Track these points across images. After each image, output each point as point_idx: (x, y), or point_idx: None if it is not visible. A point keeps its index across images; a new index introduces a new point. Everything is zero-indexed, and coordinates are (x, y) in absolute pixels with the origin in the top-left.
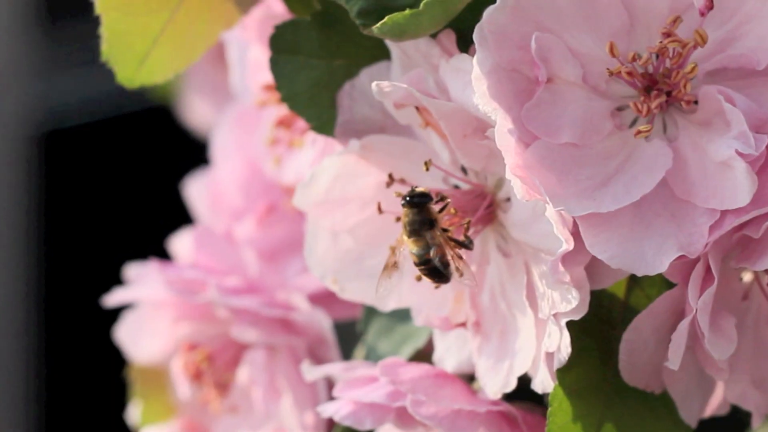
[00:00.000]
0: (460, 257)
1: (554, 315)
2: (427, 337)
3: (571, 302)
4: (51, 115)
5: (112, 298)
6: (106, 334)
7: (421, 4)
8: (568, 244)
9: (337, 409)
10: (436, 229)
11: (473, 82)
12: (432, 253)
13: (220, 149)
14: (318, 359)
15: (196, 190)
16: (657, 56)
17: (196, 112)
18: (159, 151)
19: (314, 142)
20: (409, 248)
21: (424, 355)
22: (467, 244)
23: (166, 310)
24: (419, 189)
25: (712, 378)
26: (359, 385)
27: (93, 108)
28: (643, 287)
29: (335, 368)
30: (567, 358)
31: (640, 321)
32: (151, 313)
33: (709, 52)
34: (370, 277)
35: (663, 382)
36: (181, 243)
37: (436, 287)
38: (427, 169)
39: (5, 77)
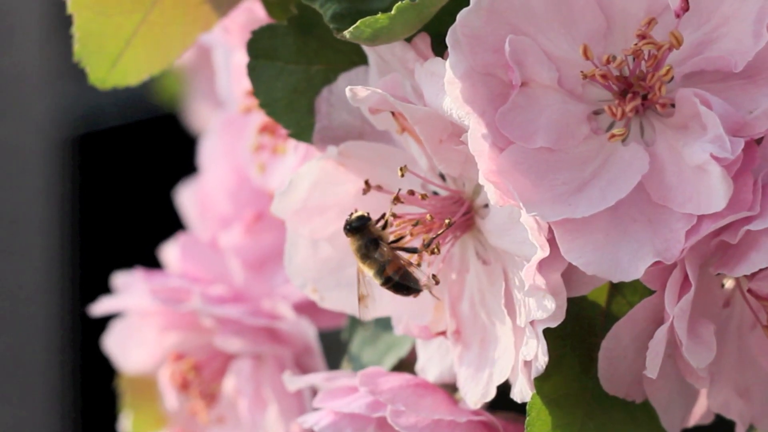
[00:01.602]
0: (410, 264)
1: (531, 323)
2: (411, 346)
3: (547, 309)
4: (85, 117)
5: (98, 307)
6: None
7: (394, 8)
8: (543, 251)
9: (317, 420)
10: (383, 246)
11: (446, 86)
12: (388, 270)
13: (207, 156)
14: (304, 369)
15: (186, 197)
16: (633, 59)
17: (202, 118)
18: (195, 154)
19: (296, 148)
20: (368, 273)
21: (408, 364)
22: (414, 250)
23: (153, 319)
24: (356, 214)
25: (695, 386)
26: (340, 395)
27: (127, 110)
28: (624, 294)
29: (317, 378)
30: (544, 367)
31: (619, 329)
32: (138, 322)
33: (686, 54)
34: (350, 285)
35: (644, 391)
36: (171, 251)
37: (414, 296)
38: (402, 175)
39: (39, 80)
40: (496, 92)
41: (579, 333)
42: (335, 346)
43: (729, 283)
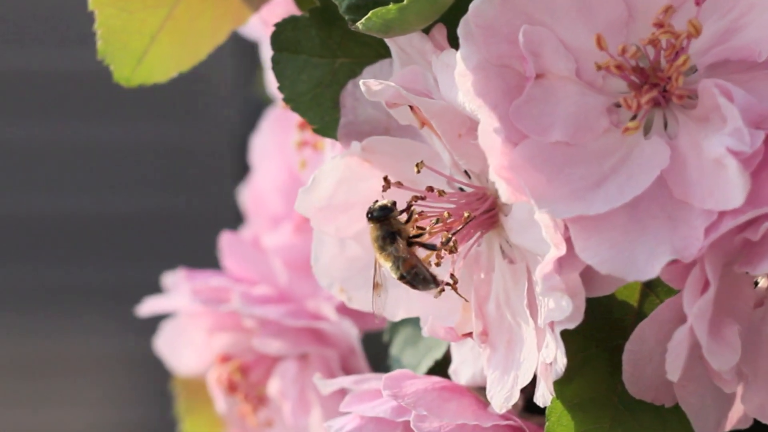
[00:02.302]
0: (429, 262)
1: (549, 324)
2: (448, 348)
3: (564, 310)
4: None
5: (145, 308)
6: None
7: None
8: (558, 249)
9: (342, 425)
10: (399, 242)
11: (456, 78)
12: (402, 266)
13: (258, 153)
14: (350, 371)
15: (244, 195)
16: (652, 49)
17: None
18: None
19: (334, 144)
20: (383, 264)
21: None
22: (432, 246)
23: (200, 320)
24: (381, 202)
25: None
26: (367, 398)
27: None
28: (658, 294)
29: (347, 381)
30: (564, 370)
31: (643, 330)
32: (187, 323)
33: (710, 43)
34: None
35: (674, 395)
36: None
37: (436, 296)
38: (418, 172)
39: (226, 84)
40: (512, 84)
41: (606, 334)
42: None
43: (764, 282)
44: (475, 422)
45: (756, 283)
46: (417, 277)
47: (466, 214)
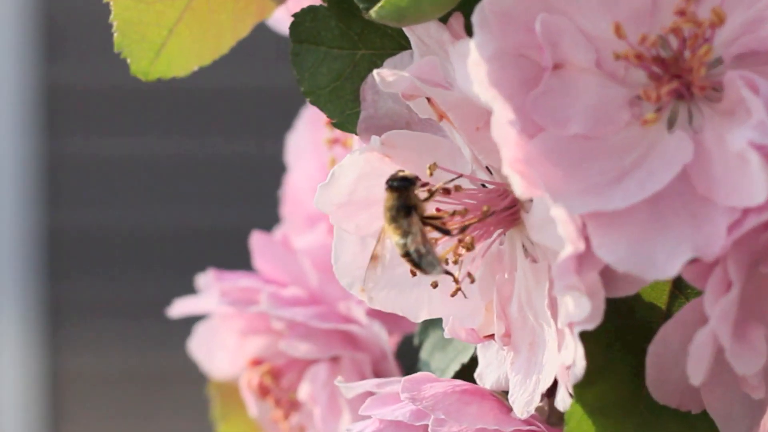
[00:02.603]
0: (448, 261)
1: (568, 325)
2: (475, 351)
3: (582, 311)
4: None
5: (176, 309)
6: None
7: None
8: (574, 246)
9: (362, 429)
10: (414, 216)
11: (470, 68)
12: (410, 243)
13: (294, 151)
14: (382, 375)
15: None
16: (675, 38)
17: None
18: None
19: (360, 140)
20: (390, 237)
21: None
22: (447, 231)
23: (233, 322)
24: (403, 173)
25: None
26: (388, 402)
27: None
28: (687, 296)
29: (370, 384)
30: (583, 373)
31: (667, 332)
32: (219, 325)
33: (737, 34)
34: (400, 285)
35: (701, 401)
36: None
37: (433, 285)
38: (431, 174)
39: None
40: (528, 75)
41: (631, 337)
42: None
43: None
44: (495, 427)
45: None
46: (423, 258)
47: (485, 209)
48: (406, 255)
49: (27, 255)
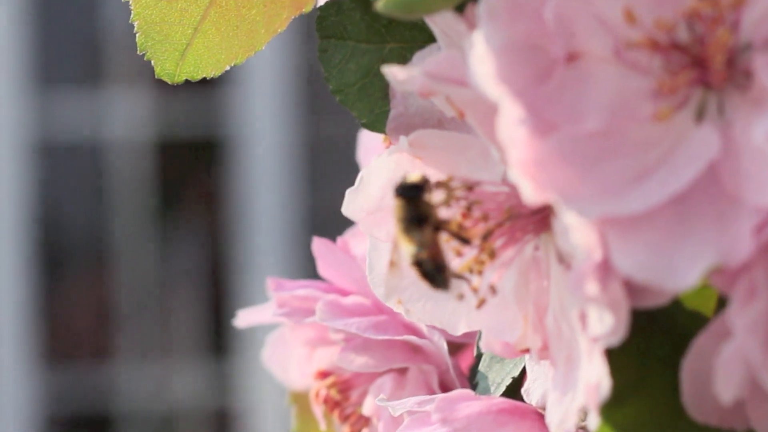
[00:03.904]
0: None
1: (592, 339)
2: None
3: (604, 325)
4: None
5: (241, 320)
6: None
7: None
8: (591, 255)
9: None
10: (427, 227)
11: (475, 62)
12: (422, 254)
13: (365, 149)
14: (448, 387)
15: None
16: (697, 22)
17: None
18: None
19: None
20: (402, 246)
21: None
22: (466, 240)
23: (301, 332)
24: (411, 178)
25: None
26: (426, 422)
27: None
28: None
29: (411, 402)
30: (608, 392)
31: (701, 345)
32: (289, 335)
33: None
34: (437, 297)
35: (746, 417)
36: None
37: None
38: (447, 186)
39: None
40: (542, 68)
41: (670, 350)
42: None
43: None
44: None
45: None
46: (435, 274)
47: (506, 213)
48: (417, 265)
49: None
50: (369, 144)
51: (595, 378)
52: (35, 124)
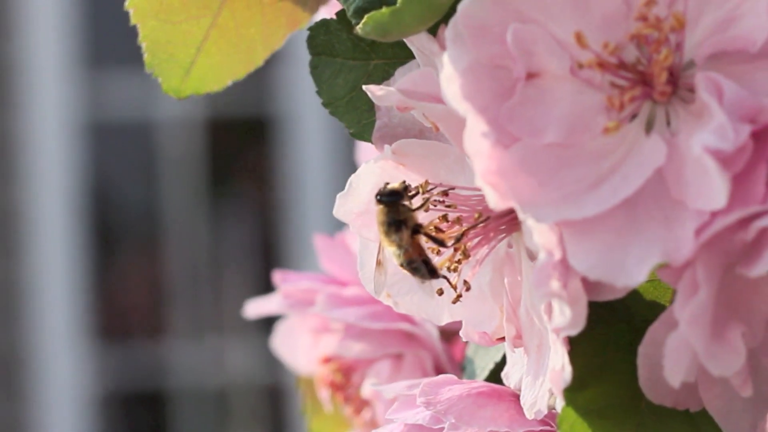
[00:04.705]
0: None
1: (554, 330)
2: None
3: (564, 317)
4: None
5: (250, 310)
6: None
7: (399, 1)
8: (549, 255)
9: (389, 431)
10: (404, 232)
11: (443, 81)
12: (403, 256)
13: (363, 153)
14: (443, 372)
15: None
16: (641, 44)
17: None
18: None
19: None
20: (386, 248)
21: None
22: (441, 242)
23: (307, 321)
24: (391, 186)
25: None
26: (414, 405)
27: None
28: None
29: (401, 386)
30: (570, 377)
31: (655, 333)
32: (296, 324)
33: (707, 34)
34: (424, 289)
35: (699, 399)
36: None
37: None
38: (425, 192)
39: None
40: (506, 86)
41: (630, 338)
42: None
43: None
44: (506, 429)
45: None
46: (416, 272)
47: (476, 215)
48: (402, 266)
49: None
50: (367, 147)
51: (559, 365)
52: (87, 104)
